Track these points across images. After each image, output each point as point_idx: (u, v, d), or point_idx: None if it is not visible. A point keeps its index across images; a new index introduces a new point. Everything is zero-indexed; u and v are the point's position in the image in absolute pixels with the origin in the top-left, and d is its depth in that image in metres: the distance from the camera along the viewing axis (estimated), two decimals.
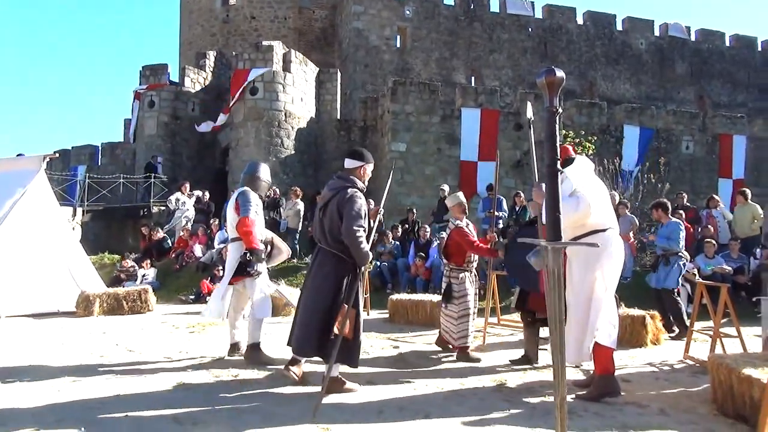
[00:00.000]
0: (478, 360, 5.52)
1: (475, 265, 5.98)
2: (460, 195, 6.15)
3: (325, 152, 19.00)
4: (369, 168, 4.46)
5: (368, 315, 8.87)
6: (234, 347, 5.44)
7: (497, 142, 16.99)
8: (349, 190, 4.22)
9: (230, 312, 5.40)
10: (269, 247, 5.53)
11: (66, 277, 8.60)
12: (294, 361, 4.40)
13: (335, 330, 3.99)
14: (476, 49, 28.60)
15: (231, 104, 17.70)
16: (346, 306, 4.03)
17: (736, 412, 3.74)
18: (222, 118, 18.33)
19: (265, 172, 5.61)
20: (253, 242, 5.12)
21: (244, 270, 5.18)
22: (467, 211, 6.05)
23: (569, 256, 4.38)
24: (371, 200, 7.64)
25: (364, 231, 4.18)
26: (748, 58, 32.83)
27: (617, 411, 3.89)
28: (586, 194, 4.20)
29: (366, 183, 4.43)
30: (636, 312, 6.52)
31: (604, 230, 4.28)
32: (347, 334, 4.00)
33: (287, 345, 4.44)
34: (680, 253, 7.30)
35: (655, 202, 7.97)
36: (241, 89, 17.45)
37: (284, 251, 5.63)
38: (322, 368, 4.38)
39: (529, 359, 5.34)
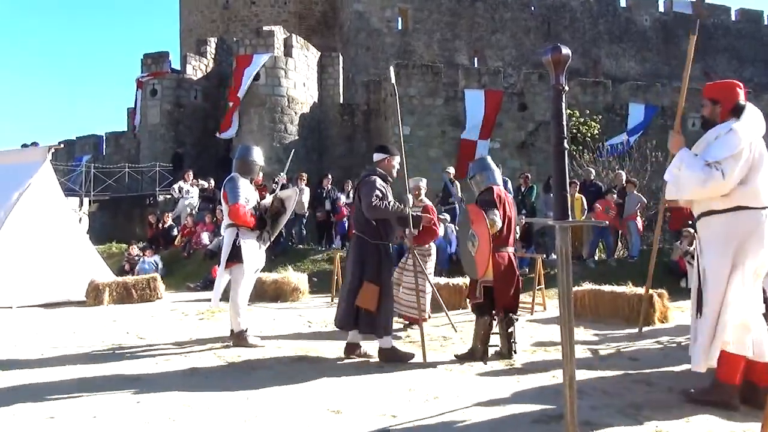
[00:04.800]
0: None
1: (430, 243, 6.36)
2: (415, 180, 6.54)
3: (329, 137, 18.94)
4: (394, 160, 4.97)
5: None
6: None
7: (497, 121, 16.97)
8: (366, 178, 4.76)
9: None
10: (278, 203, 5.57)
11: (74, 267, 8.64)
12: (351, 345, 4.83)
13: (357, 304, 4.53)
14: (478, 30, 28.35)
15: (239, 93, 17.49)
16: (366, 282, 4.53)
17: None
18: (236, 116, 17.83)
19: (257, 154, 5.64)
20: (252, 221, 5.30)
21: (235, 255, 5.25)
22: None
23: (700, 238, 3.66)
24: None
25: (386, 201, 4.59)
26: (755, 32, 32.47)
27: (625, 389, 3.91)
28: (732, 171, 3.32)
29: (394, 174, 4.98)
30: (643, 291, 6.50)
31: (758, 209, 3.42)
32: (370, 308, 4.49)
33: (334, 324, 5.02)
34: None
35: None
36: (247, 77, 17.31)
37: (291, 194, 5.76)
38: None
39: (473, 355, 4.73)
